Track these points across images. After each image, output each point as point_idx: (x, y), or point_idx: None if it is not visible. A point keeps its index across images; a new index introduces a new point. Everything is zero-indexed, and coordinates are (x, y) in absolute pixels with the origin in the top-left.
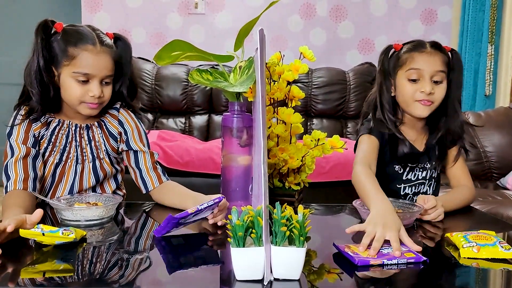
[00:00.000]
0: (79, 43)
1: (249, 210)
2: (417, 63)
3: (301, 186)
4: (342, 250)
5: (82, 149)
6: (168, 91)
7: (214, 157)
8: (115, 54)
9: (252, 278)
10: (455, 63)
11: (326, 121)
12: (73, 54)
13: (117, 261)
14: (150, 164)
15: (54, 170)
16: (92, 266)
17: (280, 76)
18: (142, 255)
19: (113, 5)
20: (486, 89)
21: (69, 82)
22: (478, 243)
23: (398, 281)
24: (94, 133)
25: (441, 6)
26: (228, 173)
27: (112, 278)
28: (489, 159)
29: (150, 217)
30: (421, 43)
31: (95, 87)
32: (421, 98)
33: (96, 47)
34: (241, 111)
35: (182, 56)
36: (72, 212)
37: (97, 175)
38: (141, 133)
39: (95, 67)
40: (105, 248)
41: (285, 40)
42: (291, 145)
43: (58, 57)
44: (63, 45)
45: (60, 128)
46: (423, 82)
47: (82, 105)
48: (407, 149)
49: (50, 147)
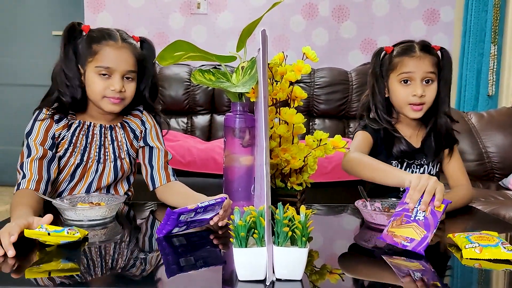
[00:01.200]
0: (102, 40)
1: (252, 210)
2: (408, 67)
3: (303, 186)
4: (392, 242)
5: (104, 149)
6: (170, 91)
7: (216, 157)
8: (137, 52)
9: (254, 278)
10: (445, 62)
11: (328, 121)
12: (96, 50)
13: (120, 260)
14: (162, 162)
15: (74, 170)
16: (96, 266)
17: (282, 76)
18: (145, 255)
19: (115, 5)
20: (489, 89)
21: (92, 77)
22: (480, 244)
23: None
24: (117, 133)
25: (444, 6)
26: (231, 173)
27: (116, 278)
28: (491, 159)
29: (153, 216)
30: (410, 46)
31: (117, 81)
32: (413, 101)
33: (118, 43)
34: (243, 112)
35: (185, 57)
36: (75, 212)
37: (116, 174)
38: (158, 132)
39: (116, 61)
40: (108, 248)
41: (287, 40)
42: (293, 146)
43: (83, 56)
44: (88, 44)
45: (80, 129)
46: (414, 85)
47: (105, 100)
48: (403, 147)
49: (71, 148)
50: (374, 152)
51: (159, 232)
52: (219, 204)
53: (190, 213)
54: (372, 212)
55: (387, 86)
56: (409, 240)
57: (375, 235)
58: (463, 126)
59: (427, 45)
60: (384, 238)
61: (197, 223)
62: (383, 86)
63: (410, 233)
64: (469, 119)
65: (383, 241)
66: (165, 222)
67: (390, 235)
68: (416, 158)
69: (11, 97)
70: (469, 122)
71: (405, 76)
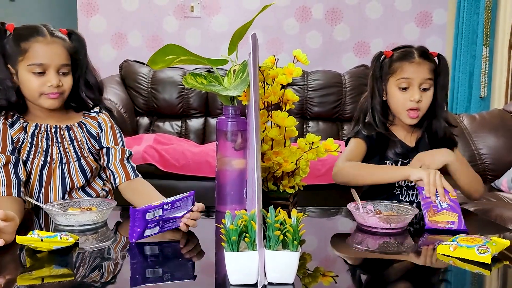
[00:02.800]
0: (30, 37)
1: (243, 214)
2: (407, 73)
3: (295, 189)
4: (439, 227)
5: (65, 149)
6: (164, 94)
7: (210, 160)
8: (68, 45)
9: (246, 282)
10: (442, 69)
11: (322, 124)
12: (25, 48)
13: (113, 266)
14: (119, 159)
15: (40, 172)
16: (89, 271)
17: (274, 79)
18: (137, 259)
19: (109, 9)
20: (481, 91)
21: (26, 76)
22: (458, 243)
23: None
24: (76, 133)
25: (436, 9)
26: (223, 176)
27: (107, 282)
28: (484, 161)
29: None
30: (410, 52)
31: (52, 76)
32: (410, 106)
33: (47, 38)
34: (235, 115)
35: (176, 60)
36: (66, 217)
37: (84, 172)
38: (116, 133)
39: (48, 56)
40: (99, 253)
41: (281, 43)
42: (285, 149)
43: (13, 55)
44: (16, 42)
45: (39, 131)
46: (412, 91)
47: (43, 97)
48: (399, 149)
49: (33, 150)
50: (367, 157)
51: (131, 236)
52: (188, 199)
53: (157, 209)
54: (364, 215)
55: (385, 89)
56: (451, 222)
57: (367, 237)
58: (455, 128)
59: (426, 51)
60: (431, 227)
61: (170, 223)
62: (381, 89)
63: (447, 217)
64: (461, 121)
65: (432, 228)
66: (132, 224)
67: (433, 223)
68: (410, 158)
69: None
70: (461, 124)
71: (403, 81)
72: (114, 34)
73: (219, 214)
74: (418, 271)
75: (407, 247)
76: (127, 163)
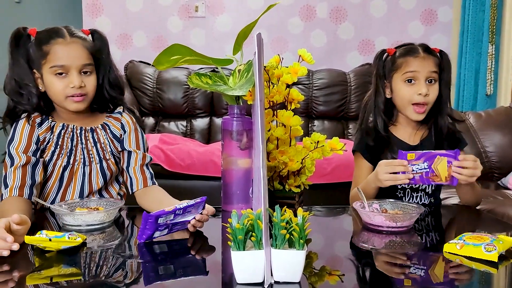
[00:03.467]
0: (51, 39)
1: (249, 213)
2: (413, 66)
3: (301, 188)
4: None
5: (88, 151)
6: (169, 94)
7: (215, 160)
8: (89, 45)
9: (253, 281)
10: (445, 64)
11: (327, 123)
12: (47, 50)
13: (119, 265)
14: (139, 165)
15: (62, 173)
16: (97, 270)
17: (279, 79)
18: (144, 259)
19: (114, 10)
20: (487, 88)
21: (50, 78)
22: (465, 241)
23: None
24: (99, 135)
25: (441, 7)
26: (229, 176)
27: (116, 282)
28: (490, 159)
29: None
30: (413, 48)
31: (74, 77)
32: (417, 100)
33: (66, 39)
34: (240, 114)
35: (181, 60)
36: (73, 217)
37: (104, 175)
38: (139, 136)
39: (69, 57)
40: (106, 253)
41: (286, 42)
42: (290, 148)
43: (36, 59)
44: (38, 46)
45: (65, 132)
46: (418, 85)
47: (68, 100)
48: (398, 148)
49: (57, 150)
50: (372, 157)
51: (140, 237)
52: (199, 204)
53: (169, 215)
54: (370, 213)
55: (390, 87)
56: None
57: (373, 236)
58: (462, 126)
59: (429, 47)
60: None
61: (179, 226)
62: (385, 86)
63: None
64: (467, 118)
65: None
66: (143, 227)
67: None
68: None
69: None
70: (467, 121)
71: (410, 75)
72: (119, 35)
73: (225, 213)
74: (425, 270)
75: (413, 245)
76: (146, 169)
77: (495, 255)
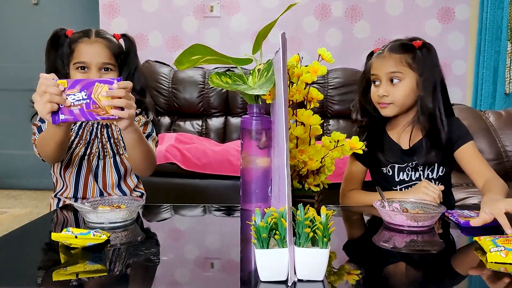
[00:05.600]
0: (79, 39)
1: (273, 211)
2: (374, 69)
3: (320, 187)
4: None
5: (103, 145)
6: (184, 94)
7: (231, 159)
8: (113, 45)
9: (276, 279)
10: (424, 60)
11: (342, 122)
12: (73, 48)
13: (141, 262)
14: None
15: (79, 163)
16: (121, 267)
17: (298, 78)
18: (165, 256)
19: (130, 10)
20: (506, 87)
21: (73, 74)
22: (506, 248)
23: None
24: (113, 131)
25: (459, 4)
26: (248, 175)
27: (139, 279)
28: (510, 158)
29: (170, 219)
30: (384, 48)
31: (94, 73)
32: (378, 100)
33: (91, 39)
34: (259, 114)
35: (202, 60)
36: (96, 215)
37: (118, 170)
38: (151, 136)
39: (90, 55)
40: (130, 250)
41: (301, 41)
42: (310, 147)
43: (66, 57)
44: (68, 45)
45: (86, 124)
46: (379, 86)
47: None
48: (390, 152)
49: (77, 139)
50: (368, 162)
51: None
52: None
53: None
54: (390, 213)
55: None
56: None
57: (394, 235)
58: (481, 125)
59: (403, 43)
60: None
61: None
62: (369, 86)
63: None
64: (486, 117)
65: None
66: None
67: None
68: (407, 161)
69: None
70: (486, 121)
71: (373, 77)
72: (135, 35)
73: (244, 212)
74: (446, 269)
75: (435, 245)
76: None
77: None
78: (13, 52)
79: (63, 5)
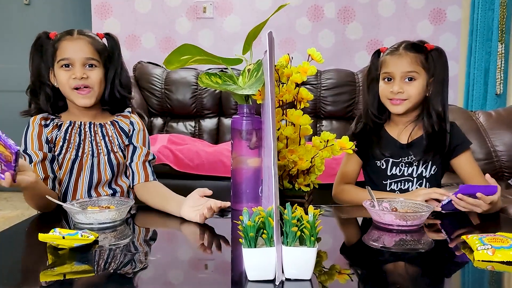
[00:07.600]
0: (62, 37)
1: (260, 211)
2: (388, 67)
3: (310, 187)
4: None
5: (97, 143)
6: (177, 95)
7: (224, 160)
8: (96, 43)
9: (264, 278)
10: (436, 61)
11: (335, 123)
12: (56, 47)
13: (131, 262)
14: (142, 160)
15: (71, 166)
16: (109, 267)
17: (288, 78)
18: (154, 257)
19: (122, 11)
20: (496, 88)
21: (58, 71)
22: (493, 246)
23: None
24: (108, 129)
25: (450, 6)
26: (238, 175)
27: (127, 279)
28: (500, 158)
29: (160, 219)
30: (397, 46)
31: (77, 69)
32: (391, 96)
33: (73, 36)
34: (250, 114)
35: (191, 60)
36: (85, 215)
37: (112, 167)
38: (146, 136)
39: (73, 51)
40: (118, 250)
41: (294, 43)
42: (300, 147)
43: (49, 57)
44: (52, 45)
45: (72, 128)
46: (393, 83)
47: (74, 93)
48: (386, 146)
49: (66, 145)
50: (362, 153)
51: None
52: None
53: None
54: (380, 212)
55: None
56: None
57: (383, 234)
58: (471, 125)
59: (412, 45)
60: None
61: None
62: (375, 84)
63: None
64: (477, 118)
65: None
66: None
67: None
68: (402, 156)
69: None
70: (477, 121)
71: (386, 75)
72: (127, 36)
73: (234, 212)
74: (435, 267)
75: (424, 244)
76: (149, 166)
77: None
78: (3, 52)
79: (55, 5)
